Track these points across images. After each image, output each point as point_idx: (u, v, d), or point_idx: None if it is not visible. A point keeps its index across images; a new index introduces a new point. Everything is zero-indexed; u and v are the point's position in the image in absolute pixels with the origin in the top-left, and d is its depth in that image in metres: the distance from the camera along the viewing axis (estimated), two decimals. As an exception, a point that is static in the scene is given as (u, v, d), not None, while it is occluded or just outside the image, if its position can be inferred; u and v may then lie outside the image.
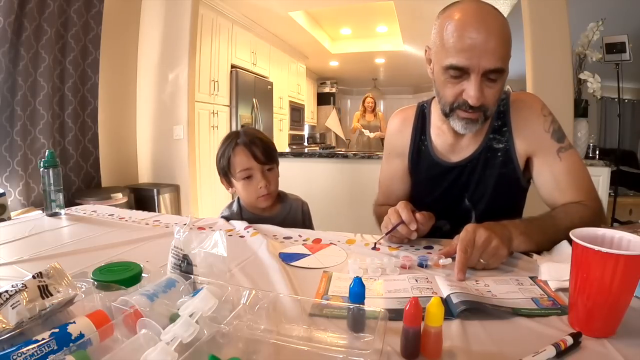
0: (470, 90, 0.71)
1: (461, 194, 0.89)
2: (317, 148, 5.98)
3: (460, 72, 0.71)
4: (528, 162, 0.85)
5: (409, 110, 0.97)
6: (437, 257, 0.67)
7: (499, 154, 0.84)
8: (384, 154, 1.03)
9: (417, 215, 0.75)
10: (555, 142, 0.81)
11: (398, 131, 0.97)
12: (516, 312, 0.49)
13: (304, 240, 0.84)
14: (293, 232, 0.90)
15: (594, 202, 0.79)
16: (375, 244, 0.80)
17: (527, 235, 0.69)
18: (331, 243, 0.81)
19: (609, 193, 2.28)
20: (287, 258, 0.72)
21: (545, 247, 0.70)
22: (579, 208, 0.76)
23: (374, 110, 4.55)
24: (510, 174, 0.84)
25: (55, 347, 0.36)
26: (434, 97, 0.87)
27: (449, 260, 0.67)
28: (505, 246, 0.64)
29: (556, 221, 0.73)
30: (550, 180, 0.81)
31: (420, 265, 0.67)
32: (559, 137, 0.81)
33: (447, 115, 0.78)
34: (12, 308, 0.39)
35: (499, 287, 0.56)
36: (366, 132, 4.47)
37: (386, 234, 0.78)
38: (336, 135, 7.08)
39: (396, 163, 0.98)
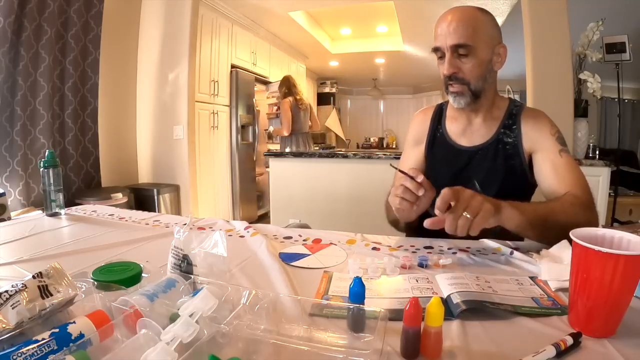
0: (445, 63, 0.88)
1: (471, 179, 0.94)
2: (317, 148, 5.98)
3: (440, 53, 0.89)
4: (532, 160, 0.91)
5: (429, 108, 1.12)
6: (436, 257, 0.68)
7: (508, 147, 0.93)
8: (405, 146, 1.14)
9: (423, 176, 0.77)
10: (559, 145, 0.89)
11: (420, 122, 1.09)
12: (516, 311, 0.49)
13: (304, 240, 0.84)
14: (293, 232, 0.90)
15: (589, 196, 0.83)
16: (392, 165, 0.83)
17: (518, 208, 0.71)
18: (331, 243, 0.81)
19: (609, 193, 2.28)
20: (287, 258, 0.72)
21: (537, 225, 0.72)
22: (573, 198, 0.80)
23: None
24: (517, 166, 0.92)
25: (55, 347, 0.36)
26: None
27: (449, 260, 0.68)
28: (491, 204, 0.66)
29: (549, 204, 0.79)
30: (550, 170, 0.87)
31: (421, 265, 0.67)
32: (562, 142, 0.89)
33: (447, 92, 0.92)
34: (12, 308, 0.39)
35: (499, 285, 0.56)
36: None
37: (400, 170, 0.78)
38: (336, 135, 7.07)
39: (415, 151, 1.08)
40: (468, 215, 0.64)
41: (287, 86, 3.67)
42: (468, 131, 0.98)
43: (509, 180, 0.92)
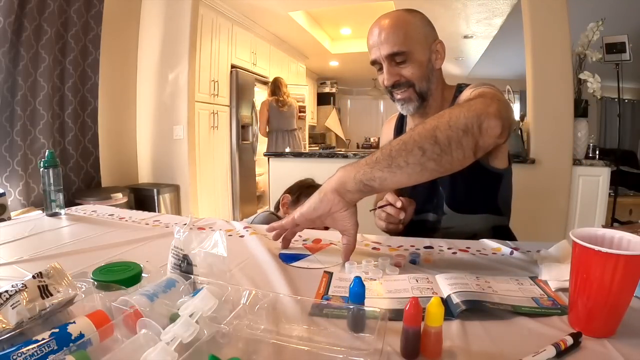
0: (384, 74, 0.87)
1: (434, 180, 0.92)
2: (317, 148, 5.98)
3: (378, 65, 0.88)
4: None
5: (393, 117, 1.12)
6: (427, 253, 0.71)
7: None
8: None
9: (401, 198, 0.81)
10: (475, 88, 0.79)
11: (386, 132, 1.12)
12: (516, 310, 0.49)
13: (304, 241, 0.84)
14: (293, 232, 0.90)
15: (474, 97, 0.70)
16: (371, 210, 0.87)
17: (348, 165, 0.62)
18: (331, 243, 0.81)
19: (609, 193, 2.28)
20: (287, 259, 0.72)
21: (380, 160, 0.60)
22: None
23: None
24: None
25: (55, 347, 0.36)
26: None
27: (441, 255, 0.70)
28: (306, 204, 0.67)
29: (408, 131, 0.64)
30: None
31: (412, 262, 0.68)
32: (479, 85, 0.80)
33: (394, 101, 0.91)
34: (12, 308, 0.39)
35: (499, 285, 0.56)
36: None
37: (378, 207, 0.85)
38: (336, 135, 7.08)
39: None
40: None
41: (273, 88, 3.90)
42: None
43: (466, 168, 0.88)
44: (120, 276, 0.54)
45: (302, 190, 1.19)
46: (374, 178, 0.60)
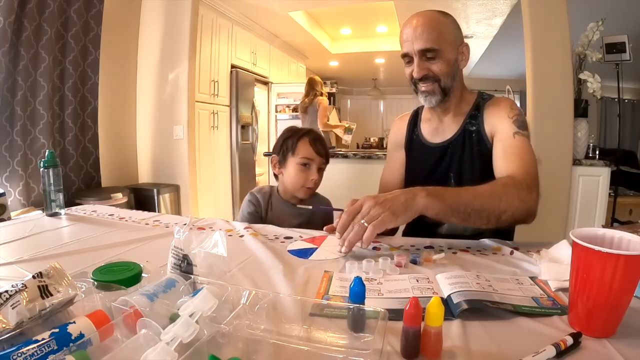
0: (414, 67, 0.92)
1: (447, 173, 0.98)
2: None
3: (409, 58, 0.93)
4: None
5: (406, 114, 1.17)
6: (428, 253, 0.71)
7: (473, 135, 0.97)
8: (388, 151, 1.20)
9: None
10: (515, 127, 0.89)
11: (398, 128, 1.15)
12: (517, 310, 0.49)
13: (300, 235, 0.85)
14: (294, 232, 0.90)
15: (527, 177, 0.82)
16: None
17: (438, 196, 0.72)
18: (328, 234, 0.85)
19: (609, 193, 2.28)
20: (301, 254, 0.74)
21: (460, 211, 0.73)
22: (508, 179, 0.81)
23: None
24: (484, 151, 0.94)
25: (55, 347, 0.36)
26: None
27: (442, 254, 0.71)
28: (393, 214, 0.68)
29: (478, 188, 0.77)
30: (501, 153, 0.89)
31: (413, 262, 0.69)
32: (520, 125, 0.90)
33: (416, 93, 0.97)
34: (12, 308, 0.39)
35: (499, 284, 0.56)
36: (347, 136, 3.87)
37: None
38: (336, 135, 7.07)
39: (397, 155, 1.13)
40: (365, 223, 0.68)
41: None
42: (440, 129, 1.02)
43: (482, 166, 0.93)
44: (120, 276, 0.54)
45: (285, 141, 1.18)
46: (447, 220, 0.74)
